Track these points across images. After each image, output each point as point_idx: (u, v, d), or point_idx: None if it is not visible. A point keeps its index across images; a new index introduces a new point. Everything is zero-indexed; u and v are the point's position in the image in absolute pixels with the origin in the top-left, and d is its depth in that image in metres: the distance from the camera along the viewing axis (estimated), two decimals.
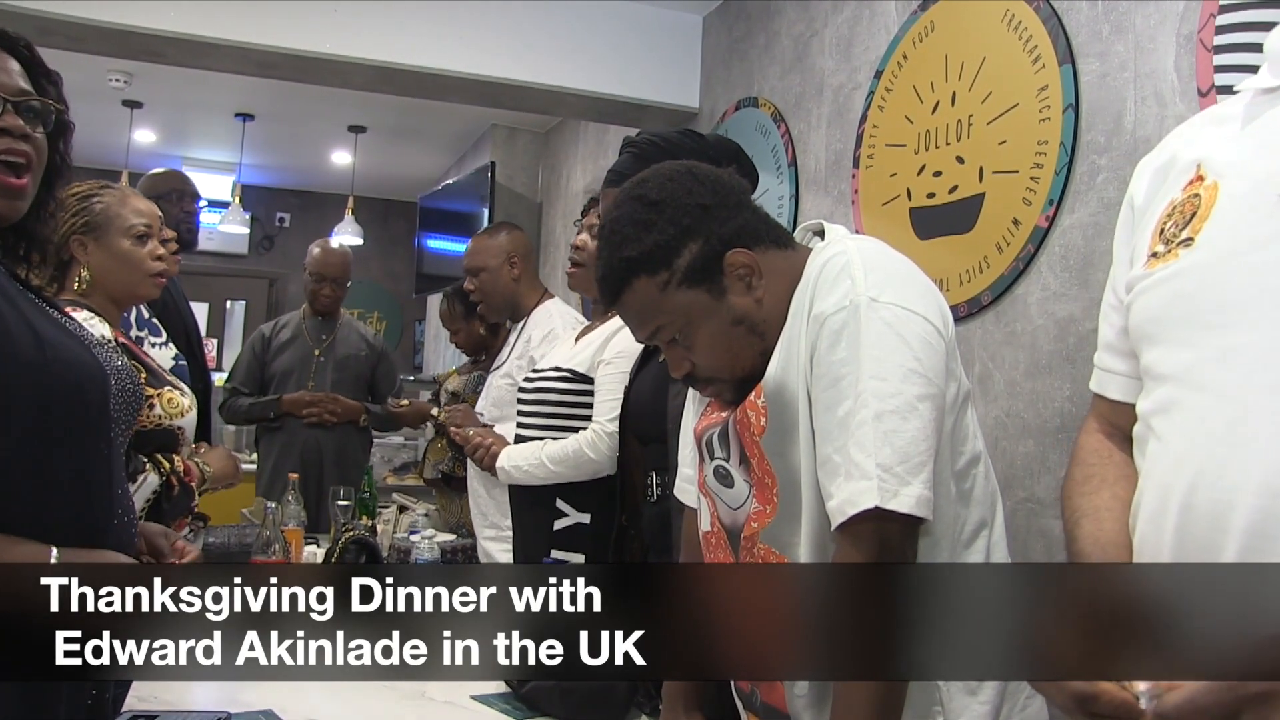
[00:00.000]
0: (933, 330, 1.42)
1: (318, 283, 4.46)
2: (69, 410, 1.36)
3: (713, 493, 1.59)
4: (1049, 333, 2.72)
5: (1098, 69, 2.65)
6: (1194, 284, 1.00)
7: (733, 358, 1.49)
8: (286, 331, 4.49)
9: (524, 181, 6.83)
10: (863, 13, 3.62)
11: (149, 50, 4.21)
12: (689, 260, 1.46)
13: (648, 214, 1.47)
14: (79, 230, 2.29)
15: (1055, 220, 2.73)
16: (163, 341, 2.84)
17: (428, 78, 4.41)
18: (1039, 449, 2.71)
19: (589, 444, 2.53)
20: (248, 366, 4.45)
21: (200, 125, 7.53)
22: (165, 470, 2.23)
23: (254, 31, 4.09)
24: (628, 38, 4.57)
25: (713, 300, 1.47)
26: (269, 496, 3.53)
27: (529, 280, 3.43)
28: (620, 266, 1.47)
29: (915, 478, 1.34)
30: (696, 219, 1.46)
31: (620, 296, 1.50)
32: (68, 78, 1.52)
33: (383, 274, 8.99)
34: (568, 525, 2.57)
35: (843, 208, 3.56)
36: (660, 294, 1.46)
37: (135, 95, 6.70)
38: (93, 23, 3.89)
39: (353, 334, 4.60)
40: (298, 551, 3.00)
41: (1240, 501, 0.90)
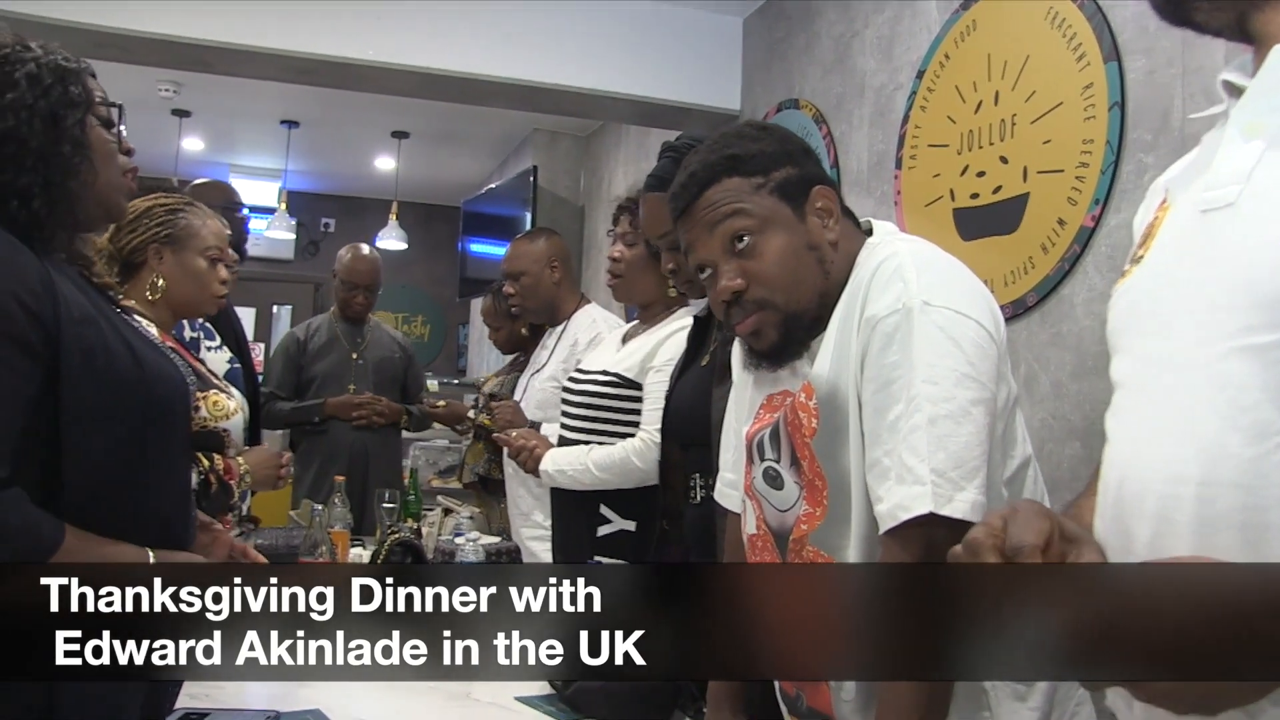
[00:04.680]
0: (985, 334, 1.41)
1: (349, 290, 4.47)
2: (160, 422, 1.43)
3: (760, 495, 1.58)
4: (1095, 334, 2.69)
5: (1144, 65, 2.62)
6: (1137, 297, 1.08)
7: (795, 280, 1.49)
8: (321, 335, 4.51)
9: (566, 185, 6.86)
10: (904, 12, 3.60)
11: (197, 60, 4.28)
12: (784, 177, 1.51)
13: (757, 133, 1.57)
14: (160, 240, 2.37)
15: (1101, 220, 2.70)
16: (217, 345, 2.87)
17: (469, 83, 4.44)
18: (1086, 451, 2.68)
19: (637, 452, 2.50)
20: (284, 371, 4.46)
21: (247, 133, 7.63)
22: (204, 468, 2.27)
23: (298, 40, 4.14)
24: (668, 40, 4.57)
25: (795, 218, 1.50)
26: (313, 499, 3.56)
27: (568, 285, 3.44)
28: (718, 162, 1.51)
29: (969, 483, 1.34)
30: (799, 151, 1.55)
31: (705, 190, 1.51)
32: (120, 88, 1.57)
33: (426, 278, 9.05)
34: (611, 532, 2.55)
35: (885, 209, 3.55)
36: (752, 191, 1.50)
37: (184, 104, 6.80)
38: (143, 34, 3.97)
39: (384, 336, 4.62)
40: (343, 553, 3.02)
41: (1151, 490, 0.98)
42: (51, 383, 1.30)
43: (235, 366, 2.87)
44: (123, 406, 1.37)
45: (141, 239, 2.36)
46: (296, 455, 4.43)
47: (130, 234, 2.36)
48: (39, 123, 1.37)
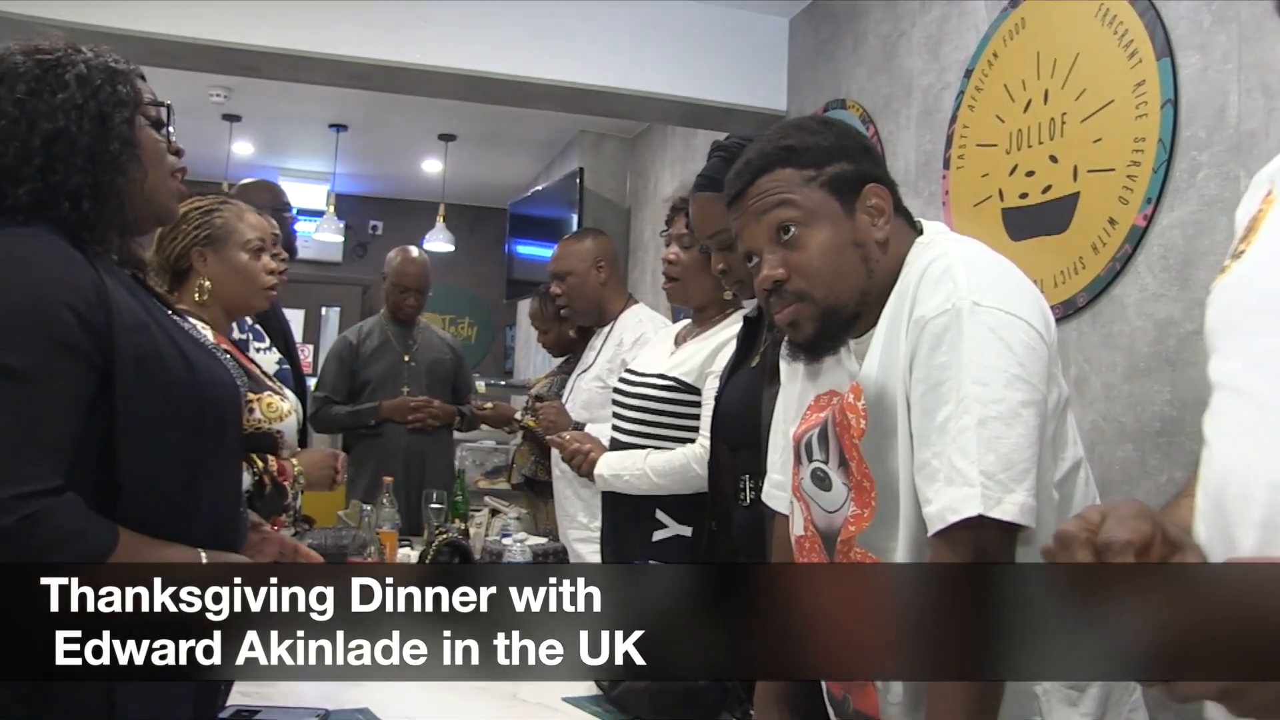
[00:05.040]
0: (1036, 335, 1.40)
1: (400, 292, 4.50)
2: (213, 426, 1.44)
3: (808, 496, 1.58)
4: (1148, 334, 2.66)
5: (1198, 62, 2.58)
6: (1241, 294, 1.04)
7: (836, 274, 1.49)
8: (373, 339, 4.54)
9: (612, 187, 6.86)
10: (951, 11, 3.57)
11: (246, 65, 4.33)
12: (837, 172, 1.51)
13: (817, 126, 1.59)
14: (200, 243, 2.39)
15: (1154, 219, 2.66)
16: (266, 347, 2.90)
17: (516, 85, 4.46)
18: (1138, 453, 2.65)
19: (697, 458, 2.48)
20: (337, 375, 4.49)
21: (296, 137, 7.71)
22: (258, 469, 2.29)
23: (346, 44, 4.18)
24: (714, 41, 4.57)
25: (843, 214, 1.51)
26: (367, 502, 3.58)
27: (615, 285, 3.44)
28: (774, 152, 1.53)
29: (1019, 485, 1.33)
30: (856, 148, 1.56)
31: (757, 179, 1.53)
32: (173, 94, 1.59)
33: (473, 280, 9.09)
34: (666, 537, 2.54)
35: (933, 209, 3.52)
36: (802, 184, 1.51)
37: (234, 109, 6.89)
38: (195, 41, 4.02)
39: (434, 338, 4.65)
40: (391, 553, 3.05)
41: (1256, 496, 0.93)
42: (106, 389, 1.32)
43: (284, 367, 2.90)
44: (176, 411, 1.38)
45: (183, 244, 2.39)
46: (350, 458, 4.47)
47: (172, 242, 2.39)
48: (88, 122, 1.39)
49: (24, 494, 1.22)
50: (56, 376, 1.28)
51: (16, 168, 1.35)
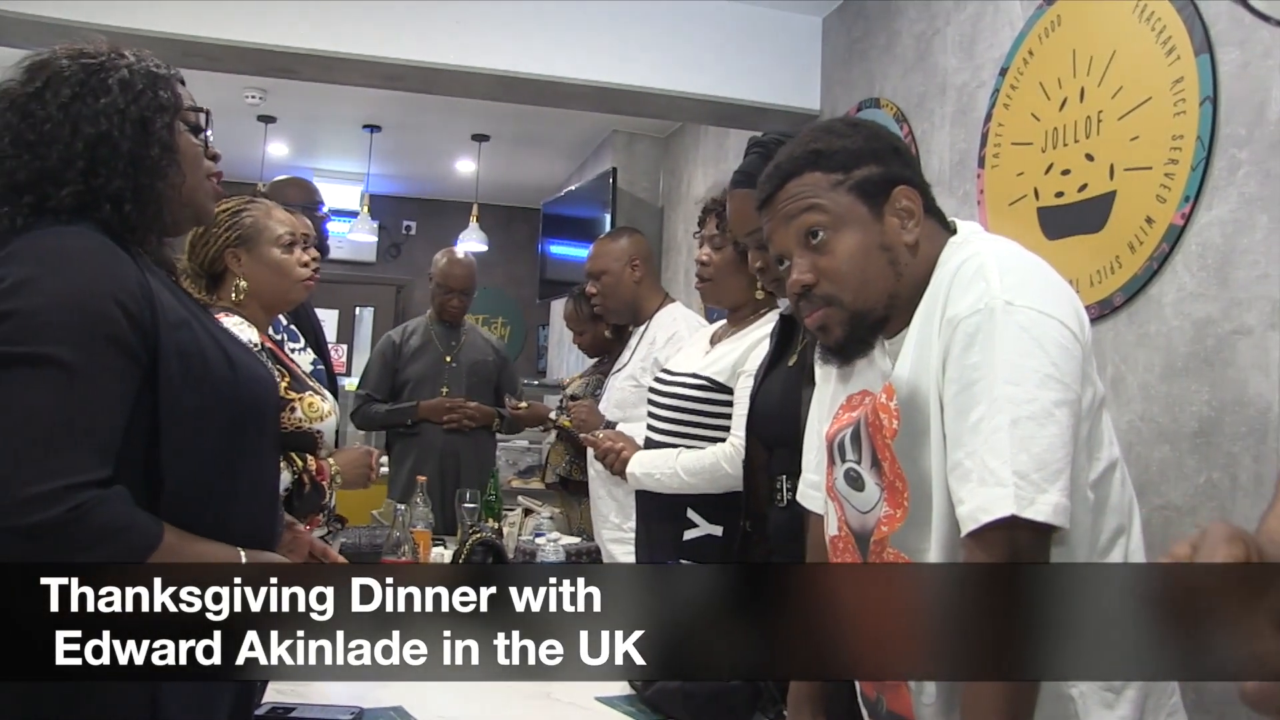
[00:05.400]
0: (1069, 335, 1.39)
1: (445, 293, 4.53)
2: (253, 424, 1.46)
3: (841, 496, 1.57)
4: (1185, 334, 2.63)
5: (1238, 58, 2.55)
6: None
7: (864, 279, 1.49)
8: (416, 339, 4.58)
9: (645, 187, 6.87)
10: (986, 9, 3.55)
11: (281, 67, 4.36)
12: (865, 175, 1.51)
13: (846, 128, 1.58)
14: (232, 244, 2.41)
15: (1192, 217, 2.63)
16: (301, 347, 2.93)
17: (549, 85, 4.47)
18: (1175, 454, 2.62)
19: (726, 458, 2.48)
20: (379, 373, 4.53)
21: (330, 137, 7.76)
22: (298, 468, 2.31)
23: (380, 45, 4.20)
24: (747, 41, 4.56)
25: (871, 218, 1.50)
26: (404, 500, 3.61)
27: (650, 283, 3.44)
28: (802, 156, 1.53)
29: (1052, 485, 1.32)
30: (886, 150, 1.55)
31: (786, 183, 1.53)
32: (209, 96, 1.61)
33: (506, 280, 9.12)
34: (698, 536, 2.53)
35: (968, 208, 3.50)
36: (829, 188, 1.51)
37: (269, 110, 6.94)
38: (230, 43, 4.06)
39: (478, 340, 4.67)
40: (425, 552, 3.06)
41: None
42: (150, 385, 1.33)
43: (319, 367, 2.92)
44: (218, 408, 1.40)
45: (216, 247, 2.40)
46: (391, 456, 4.51)
47: (204, 246, 2.41)
48: (130, 127, 1.41)
49: (74, 485, 1.23)
50: (106, 370, 1.30)
51: (60, 170, 1.38)
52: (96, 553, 1.23)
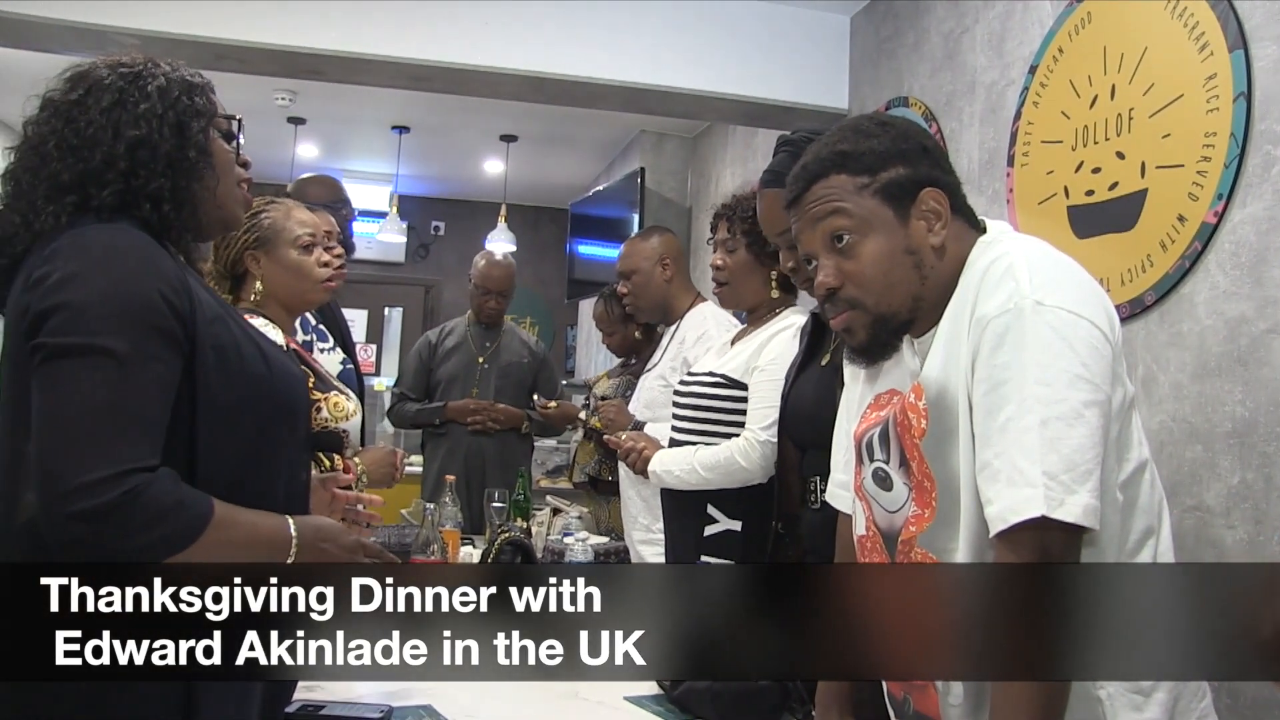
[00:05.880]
0: (1099, 335, 1.38)
1: (483, 295, 4.55)
2: (286, 420, 1.50)
3: (869, 496, 1.57)
4: (1218, 333, 2.61)
5: (1274, 53, 2.53)
6: None
7: (888, 283, 1.49)
8: (452, 339, 4.61)
9: (673, 186, 6.87)
10: (1015, 7, 3.53)
11: (311, 69, 4.39)
12: (892, 178, 1.50)
13: (874, 128, 1.55)
14: (251, 245, 2.43)
15: (1225, 215, 2.61)
16: (329, 347, 2.94)
17: (577, 86, 4.48)
18: (1208, 454, 2.60)
19: (741, 452, 2.49)
20: (414, 372, 4.58)
21: (359, 139, 7.80)
22: (325, 468, 2.32)
23: (409, 47, 4.23)
24: (774, 40, 4.55)
25: (897, 221, 1.50)
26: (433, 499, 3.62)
27: (681, 282, 3.44)
28: (829, 158, 1.52)
29: (1082, 486, 1.31)
30: (914, 150, 1.54)
31: (812, 185, 1.53)
32: (239, 98, 1.64)
33: (535, 280, 9.14)
34: (718, 532, 2.54)
35: (997, 207, 3.48)
36: (855, 192, 1.50)
37: (299, 112, 6.98)
38: (260, 45, 4.09)
39: (515, 341, 4.68)
40: (454, 552, 3.08)
41: None
42: (188, 377, 1.37)
43: (348, 367, 2.94)
44: (252, 403, 1.43)
45: (236, 250, 2.44)
46: (424, 455, 4.54)
47: (226, 249, 2.44)
48: (168, 130, 1.46)
49: (126, 470, 1.26)
50: (153, 360, 1.33)
51: (102, 171, 1.42)
52: (155, 531, 1.25)
